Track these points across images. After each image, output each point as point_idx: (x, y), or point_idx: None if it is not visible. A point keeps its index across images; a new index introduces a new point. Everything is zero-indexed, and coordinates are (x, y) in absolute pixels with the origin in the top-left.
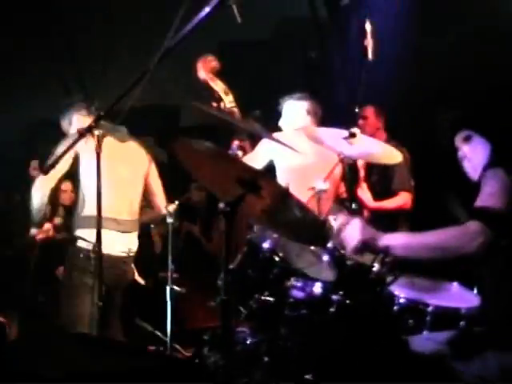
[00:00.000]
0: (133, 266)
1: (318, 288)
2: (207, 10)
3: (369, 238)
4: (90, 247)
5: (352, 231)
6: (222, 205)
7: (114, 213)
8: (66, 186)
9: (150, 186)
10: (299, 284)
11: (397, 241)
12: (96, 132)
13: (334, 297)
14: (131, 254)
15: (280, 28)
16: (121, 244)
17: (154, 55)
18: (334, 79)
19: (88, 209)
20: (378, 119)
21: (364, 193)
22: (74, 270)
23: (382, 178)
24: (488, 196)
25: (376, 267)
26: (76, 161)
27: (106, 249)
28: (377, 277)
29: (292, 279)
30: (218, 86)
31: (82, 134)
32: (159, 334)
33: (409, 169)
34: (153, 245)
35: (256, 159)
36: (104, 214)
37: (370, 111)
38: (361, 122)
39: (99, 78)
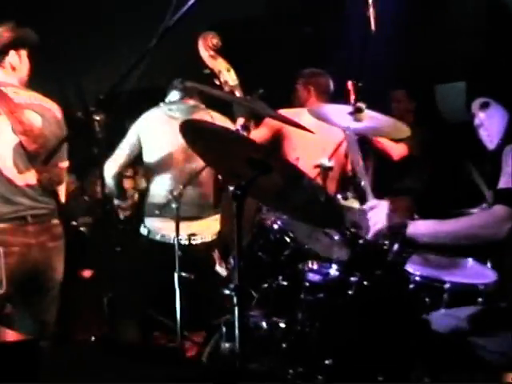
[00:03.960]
0: None
1: (334, 270)
2: None
3: (395, 224)
4: None
5: (378, 215)
6: (232, 188)
7: None
8: (130, 171)
9: None
10: (315, 267)
11: (423, 229)
12: (97, 117)
13: (352, 278)
14: None
15: (272, 4)
16: None
17: (153, 36)
18: (330, 54)
19: None
20: (410, 102)
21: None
22: None
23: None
24: (511, 177)
25: (395, 247)
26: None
27: None
28: (395, 256)
29: (307, 262)
30: (220, 64)
31: (83, 119)
32: (167, 321)
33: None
34: None
35: (261, 137)
36: None
37: (401, 94)
38: (394, 104)
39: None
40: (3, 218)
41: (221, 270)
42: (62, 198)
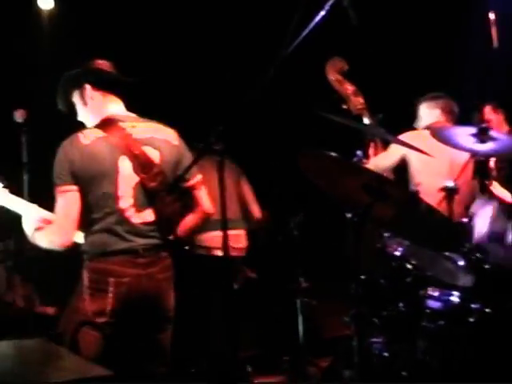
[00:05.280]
0: None
1: (455, 297)
2: (322, 13)
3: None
4: None
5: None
6: (349, 215)
7: None
8: None
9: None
10: (435, 294)
11: None
12: (216, 147)
13: (474, 305)
14: None
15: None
16: None
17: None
18: (457, 75)
19: None
20: (498, 113)
21: (498, 191)
22: None
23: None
24: None
25: None
26: None
27: None
28: None
29: (428, 289)
30: (348, 88)
31: (204, 149)
32: None
33: None
34: None
35: (389, 155)
36: None
37: (489, 108)
38: (486, 119)
39: None
40: (116, 251)
41: None
42: None
